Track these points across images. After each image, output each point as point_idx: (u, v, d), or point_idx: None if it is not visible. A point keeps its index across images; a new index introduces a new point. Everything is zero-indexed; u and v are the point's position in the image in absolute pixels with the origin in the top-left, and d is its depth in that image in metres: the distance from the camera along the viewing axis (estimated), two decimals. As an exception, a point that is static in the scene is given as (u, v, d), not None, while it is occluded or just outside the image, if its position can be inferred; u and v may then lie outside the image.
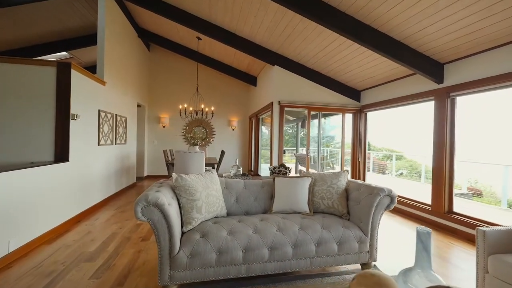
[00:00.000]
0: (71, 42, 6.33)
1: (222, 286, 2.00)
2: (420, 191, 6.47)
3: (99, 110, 4.26)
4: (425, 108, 4.51)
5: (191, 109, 6.88)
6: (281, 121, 5.40)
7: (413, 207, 4.16)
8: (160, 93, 7.82)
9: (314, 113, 5.81)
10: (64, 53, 7.05)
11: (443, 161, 3.69)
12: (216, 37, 5.10)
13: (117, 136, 5.09)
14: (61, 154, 3.26)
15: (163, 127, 7.81)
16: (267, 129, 7.86)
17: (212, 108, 6.67)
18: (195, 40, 6.17)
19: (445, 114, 3.68)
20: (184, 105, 6.82)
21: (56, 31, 5.89)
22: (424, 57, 3.64)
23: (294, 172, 7.14)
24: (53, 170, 3.04)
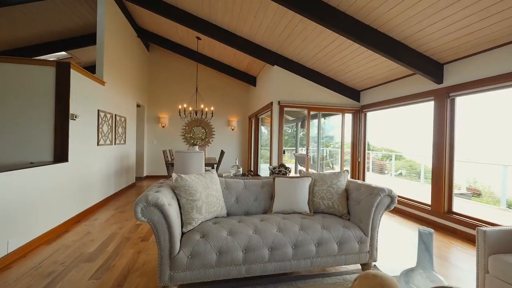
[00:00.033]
0: (70, 42, 6.31)
1: (222, 286, 1.99)
2: (419, 191, 6.49)
3: (98, 110, 4.25)
4: (424, 108, 4.51)
5: (191, 109, 6.87)
6: (280, 121, 5.40)
7: (412, 207, 4.17)
8: (159, 93, 7.81)
9: (314, 113, 5.81)
10: (63, 53, 7.03)
11: (442, 161, 3.69)
12: (216, 37, 5.09)
13: (116, 136, 5.08)
14: (60, 154, 3.25)
15: (163, 127, 7.80)
16: (266, 129, 7.85)
17: (212, 108, 6.66)
18: (195, 40, 6.16)
19: (445, 114, 3.68)
20: (184, 105, 6.81)
21: (55, 31, 5.87)
22: (424, 57, 3.64)
23: (293, 172, 7.14)
24: (52, 170, 3.03)
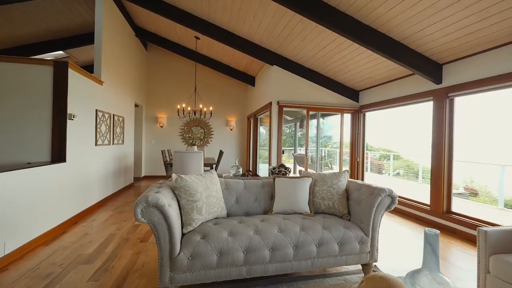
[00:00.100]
0: (67, 41, 6.26)
1: None
2: (417, 191, 6.51)
3: (96, 110, 4.21)
4: (423, 108, 4.52)
5: (189, 109, 6.84)
6: (279, 121, 5.39)
7: (412, 207, 4.17)
8: (157, 93, 7.77)
9: (313, 113, 5.81)
10: (60, 52, 6.97)
11: (441, 161, 3.70)
12: (215, 37, 5.07)
13: (114, 136, 5.04)
14: (58, 155, 3.22)
15: (161, 127, 7.76)
16: (265, 129, 7.84)
17: (211, 108, 6.63)
18: (193, 39, 6.14)
19: (444, 115, 3.69)
20: (182, 105, 6.78)
21: (53, 30, 5.82)
22: (423, 58, 3.65)
23: (292, 173, 7.13)
24: (50, 171, 3.00)
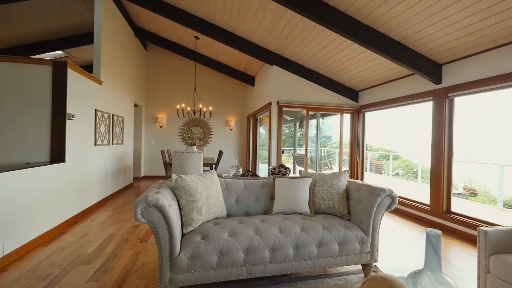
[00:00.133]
0: (66, 41, 6.24)
1: (223, 288, 1.98)
2: (417, 191, 6.52)
3: (95, 110, 4.20)
4: (422, 108, 4.53)
5: (189, 109, 6.83)
6: (279, 121, 5.39)
7: (411, 207, 4.18)
8: (157, 93, 7.76)
9: (312, 113, 5.81)
10: (59, 52, 6.95)
11: (441, 161, 3.71)
12: (214, 37, 5.07)
13: (114, 136, 5.03)
14: (57, 155, 3.21)
15: (160, 127, 7.75)
16: (264, 129, 7.83)
17: (210, 108, 6.62)
18: (193, 39, 6.13)
19: (444, 115, 3.70)
20: (182, 105, 6.77)
21: (52, 30, 5.80)
22: (423, 58, 3.65)
23: (291, 173, 7.13)
24: (49, 171, 2.99)
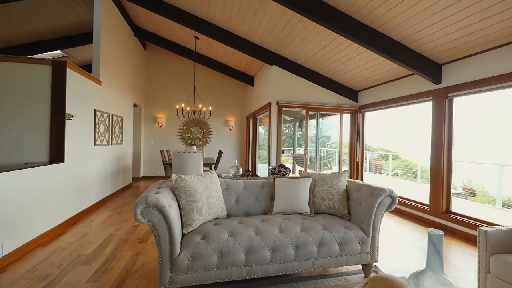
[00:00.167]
0: (65, 40, 6.22)
1: (223, 288, 1.97)
2: (416, 191, 6.52)
3: (95, 109, 4.19)
4: (420, 108, 4.53)
5: (188, 109, 6.81)
6: (279, 121, 5.38)
7: (411, 207, 4.18)
8: (156, 93, 7.75)
9: (312, 113, 5.81)
10: (58, 51, 6.93)
11: (441, 161, 3.71)
12: (214, 37, 5.06)
13: (113, 136, 5.02)
14: (56, 155, 3.19)
15: (160, 127, 7.74)
16: (263, 129, 7.83)
17: (210, 108, 6.62)
18: (193, 39, 6.12)
19: (443, 115, 3.70)
20: (182, 105, 6.76)
21: (51, 29, 5.78)
22: (423, 58, 3.65)
23: (291, 173, 7.13)
24: (48, 171, 2.97)
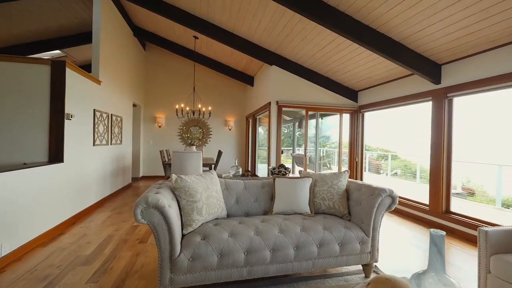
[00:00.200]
0: (65, 40, 6.21)
1: (223, 289, 1.97)
2: (415, 191, 6.53)
3: (94, 109, 4.18)
4: (419, 108, 4.54)
5: (188, 109, 6.80)
6: (279, 121, 5.38)
7: (411, 207, 4.18)
8: (156, 93, 7.73)
9: (312, 113, 5.81)
10: (57, 51, 6.91)
11: (440, 162, 3.71)
12: (214, 36, 5.05)
13: (112, 136, 5.01)
14: (55, 155, 3.18)
15: (159, 127, 7.72)
16: (263, 129, 7.82)
17: (209, 108, 6.61)
18: (192, 39, 6.11)
19: (443, 115, 3.70)
20: (181, 105, 6.74)
21: (50, 29, 5.76)
22: (422, 58, 3.66)
23: (291, 173, 7.12)
24: (47, 171, 2.96)
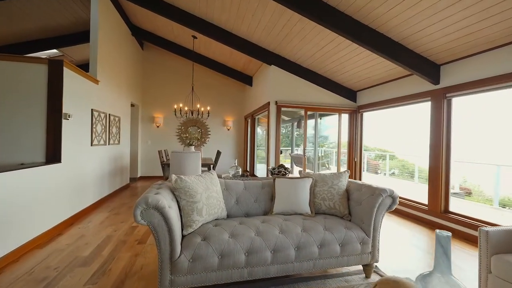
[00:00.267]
0: (62, 39, 6.15)
1: (223, 290, 1.95)
2: (413, 190, 6.56)
3: (92, 109, 4.14)
4: (418, 108, 4.55)
5: (186, 108, 6.78)
6: (278, 121, 5.37)
7: (410, 207, 4.19)
8: (154, 92, 7.70)
9: (310, 113, 5.81)
10: (54, 50, 6.85)
11: (439, 162, 3.72)
12: (213, 36, 5.03)
13: (110, 136, 4.97)
14: (53, 155, 3.15)
15: (157, 127, 7.69)
16: (261, 129, 7.81)
17: (208, 108, 6.59)
18: (191, 38, 6.08)
19: (442, 115, 3.71)
20: (180, 105, 6.71)
21: (47, 28, 5.71)
22: (422, 58, 3.66)
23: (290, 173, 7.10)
24: (44, 172, 2.93)
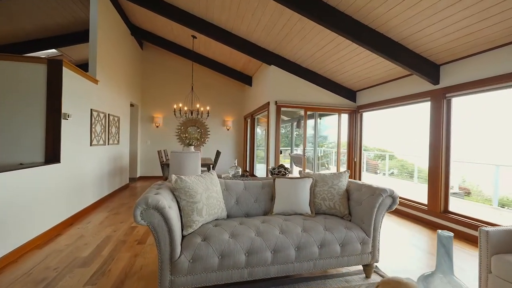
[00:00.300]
0: (61, 39, 6.13)
1: (224, 290, 1.95)
2: (412, 190, 6.56)
3: (91, 109, 4.13)
4: (418, 109, 4.55)
5: (186, 108, 6.77)
6: (277, 121, 5.37)
7: (409, 207, 4.19)
8: (153, 92, 7.68)
9: (310, 113, 5.81)
10: (53, 50, 6.84)
11: (439, 162, 3.73)
12: (212, 36, 5.02)
13: (109, 136, 4.96)
14: (52, 155, 3.14)
15: (157, 127, 7.67)
16: (261, 129, 7.81)
17: (208, 108, 6.58)
18: (190, 38, 6.07)
19: (441, 115, 3.72)
20: (179, 105, 6.70)
21: (46, 28, 5.69)
22: (421, 58, 3.66)
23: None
24: (44, 172, 2.92)
